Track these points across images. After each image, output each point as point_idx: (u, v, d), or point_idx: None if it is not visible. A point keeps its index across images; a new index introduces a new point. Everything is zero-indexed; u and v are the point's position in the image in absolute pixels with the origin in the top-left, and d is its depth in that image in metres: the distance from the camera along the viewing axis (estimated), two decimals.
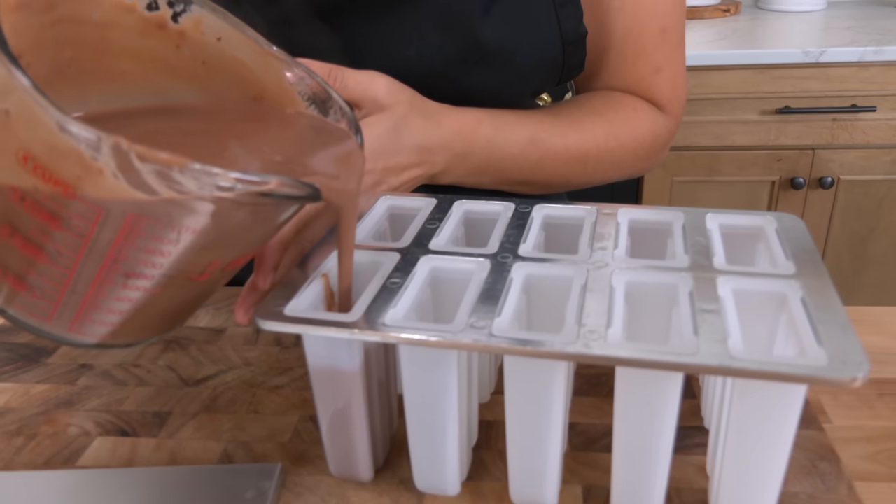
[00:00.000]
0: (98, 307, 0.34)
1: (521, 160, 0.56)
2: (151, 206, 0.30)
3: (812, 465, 0.41)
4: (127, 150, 0.28)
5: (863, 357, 0.29)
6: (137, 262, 0.32)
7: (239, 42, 0.40)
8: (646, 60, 0.61)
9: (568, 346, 0.31)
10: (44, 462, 0.44)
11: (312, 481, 0.41)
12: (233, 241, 0.35)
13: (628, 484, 0.35)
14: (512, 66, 0.56)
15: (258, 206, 0.32)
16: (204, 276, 0.35)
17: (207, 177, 0.29)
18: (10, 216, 0.32)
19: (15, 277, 0.34)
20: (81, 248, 0.32)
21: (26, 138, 0.30)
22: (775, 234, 0.40)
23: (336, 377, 0.37)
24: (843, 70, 1.48)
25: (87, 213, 0.30)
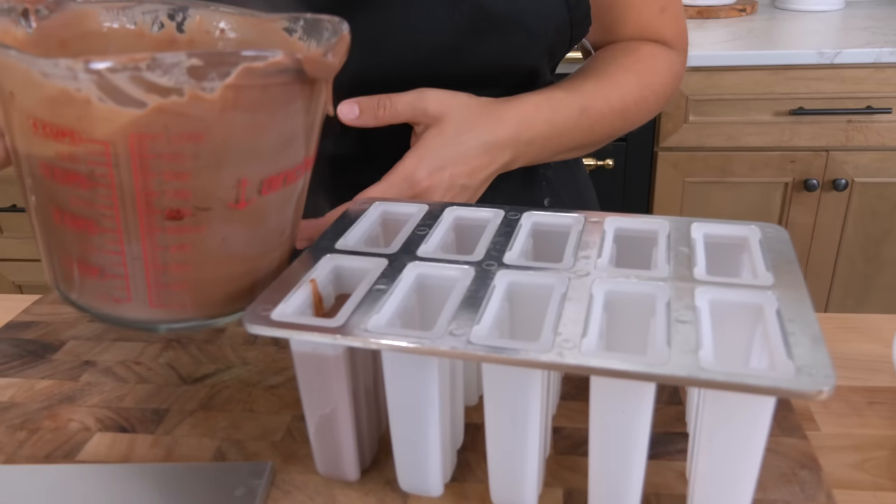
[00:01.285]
0: (162, 267, 0.36)
1: (575, 131, 0.60)
2: (145, 120, 0.32)
3: (793, 472, 0.41)
4: (97, 68, 0.30)
5: (830, 371, 0.30)
6: (165, 194, 0.34)
7: (238, 24, 0.43)
8: (652, 3, 0.66)
9: (542, 354, 0.32)
10: (45, 456, 0.45)
11: (301, 480, 0.42)
12: (244, 146, 0.35)
13: (605, 489, 0.36)
14: (521, 29, 0.57)
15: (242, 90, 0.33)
16: (241, 203, 0.36)
17: (173, 65, 0.31)
18: (52, 197, 0.35)
19: (83, 264, 0.37)
20: (113, 197, 0.34)
21: (29, 105, 0.33)
22: (758, 245, 0.40)
23: (322, 380, 0.38)
24: (858, 71, 1.46)
25: (98, 154, 0.33)
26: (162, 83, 0.31)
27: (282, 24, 0.43)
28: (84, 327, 0.58)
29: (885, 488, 0.43)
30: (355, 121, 0.51)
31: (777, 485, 0.40)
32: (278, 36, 0.43)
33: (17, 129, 0.35)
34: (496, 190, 0.64)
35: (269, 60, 0.33)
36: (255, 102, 0.34)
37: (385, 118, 0.51)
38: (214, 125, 0.33)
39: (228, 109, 0.33)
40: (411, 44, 0.55)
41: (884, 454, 0.46)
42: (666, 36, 0.67)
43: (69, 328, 0.58)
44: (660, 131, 1.55)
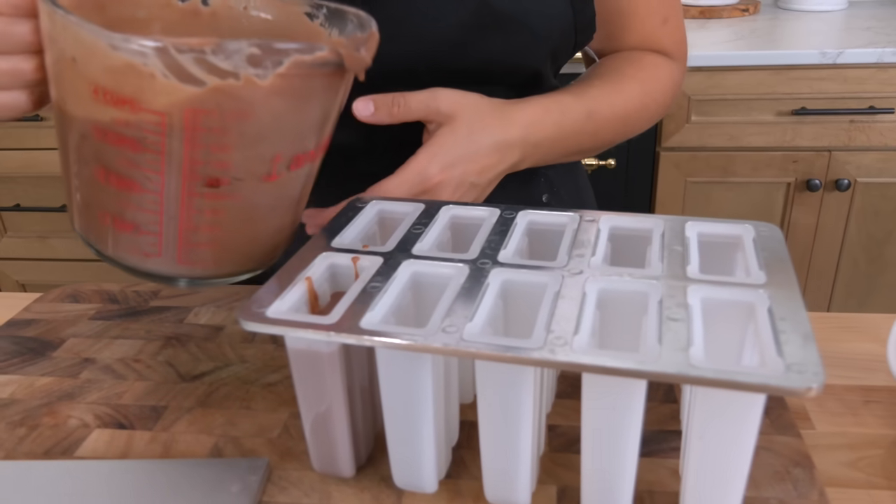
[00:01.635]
0: (194, 228, 0.40)
1: (581, 135, 0.61)
2: (202, 98, 0.35)
3: (786, 470, 0.41)
4: (166, 47, 0.34)
5: (819, 368, 0.30)
6: (209, 164, 0.38)
7: (262, 3, 0.46)
8: (655, 15, 0.68)
9: (534, 351, 0.32)
10: (44, 452, 0.46)
11: (297, 476, 0.43)
12: (283, 127, 0.39)
13: (597, 486, 0.36)
14: (525, 29, 0.58)
15: (289, 80, 0.37)
16: (272, 177, 0.40)
17: (235, 52, 0.35)
18: (101, 157, 0.38)
19: (119, 220, 0.40)
20: (161, 163, 0.37)
21: (92, 72, 0.36)
22: (752, 243, 0.40)
23: (317, 377, 0.38)
24: (860, 71, 1.46)
25: (154, 123, 0.36)
26: (222, 66, 0.35)
27: (304, 9, 0.46)
28: (84, 325, 0.59)
29: (879, 487, 0.43)
30: (370, 117, 0.52)
31: (770, 483, 0.41)
32: (300, 20, 0.46)
33: (73, 91, 0.38)
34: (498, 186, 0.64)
35: (317, 55, 0.37)
36: (298, 89, 0.38)
37: (399, 115, 0.52)
38: (261, 107, 0.37)
39: (275, 94, 0.37)
40: (416, 36, 0.56)
41: (878, 453, 0.46)
42: (667, 46, 0.69)
43: (69, 326, 0.59)
44: (662, 131, 1.55)
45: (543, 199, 0.70)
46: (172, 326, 0.58)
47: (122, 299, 0.62)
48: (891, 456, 0.46)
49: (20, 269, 1.81)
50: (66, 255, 1.78)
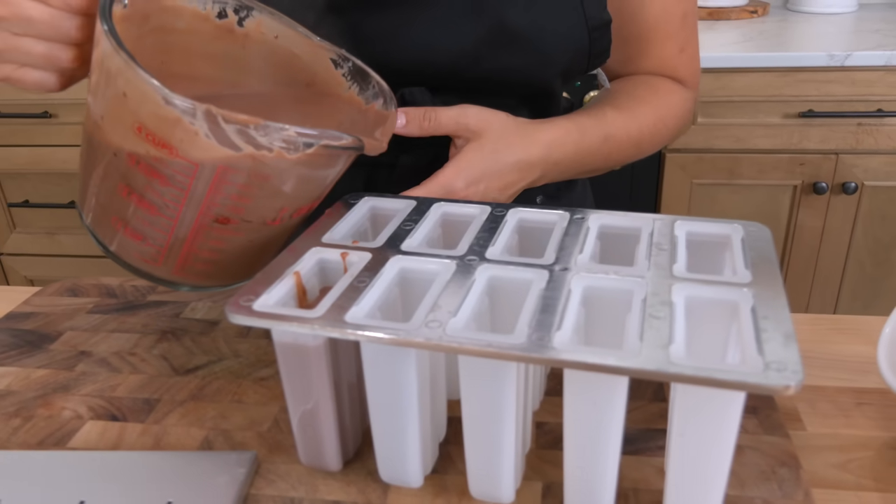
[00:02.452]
0: (196, 250, 0.44)
1: (597, 156, 0.63)
2: (235, 159, 0.39)
3: (772, 470, 0.41)
4: (216, 115, 0.37)
5: (798, 367, 0.30)
6: (225, 207, 0.42)
7: (292, 38, 0.49)
8: (673, 42, 0.68)
9: (514, 347, 0.32)
10: (37, 443, 0.46)
11: (285, 469, 0.43)
12: (297, 190, 0.43)
13: (579, 481, 0.36)
14: (539, 49, 0.59)
15: (314, 157, 0.41)
16: (276, 222, 0.45)
17: (276, 132, 0.38)
18: (127, 178, 0.42)
19: (131, 229, 0.44)
20: (183, 199, 0.41)
21: (140, 113, 0.39)
22: (740, 243, 0.40)
23: (303, 371, 0.38)
24: (868, 74, 1.45)
25: (186, 168, 0.40)
26: (260, 141, 0.38)
27: (331, 55, 0.50)
28: (81, 319, 0.59)
29: (868, 489, 0.43)
30: (401, 129, 0.53)
31: (756, 482, 0.41)
32: (325, 64, 0.50)
33: (116, 119, 0.41)
34: None
35: (343, 142, 0.41)
36: (318, 163, 0.42)
37: (429, 129, 0.54)
38: (284, 174, 0.41)
39: (299, 166, 0.41)
40: (433, 47, 0.57)
41: (868, 455, 0.46)
42: (682, 75, 0.70)
43: (67, 319, 0.59)
44: None
45: (538, 199, 0.71)
46: (168, 321, 0.58)
47: (120, 294, 0.63)
48: (881, 458, 0.46)
49: (28, 264, 1.82)
50: (74, 251, 1.79)
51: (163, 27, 0.47)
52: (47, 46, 0.45)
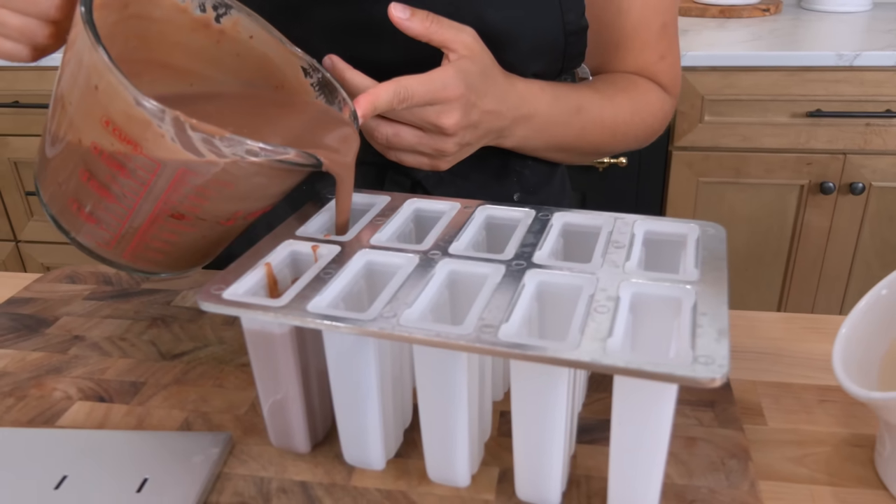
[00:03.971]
0: (148, 240, 0.45)
1: (568, 127, 0.63)
2: (197, 164, 0.40)
3: (721, 462, 0.43)
4: (184, 122, 0.38)
5: (725, 362, 0.31)
6: (181, 205, 0.43)
7: (267, 41, 0.51)
8: (651, 51, 0.69)
9: (462, 338, 0.34)
10: (28, 420, 0.49)
11: (258, 451, 0.45)
12: (253, 196, 0.44)
13: (527, 467, 0.38)
14: (515, 48, 0.60)
15: (275, 169, 0.42)
16: (230, 222, 0.46)
17: (240, 145, 0.39)
18: (88, 164, 0.43)
19: (87, 213, 0.45)
20: (141, 192, 0.42)
21: (109, 108, 0.40)
22: (694, 242, 0.42)
23: (271, 358, 0.40)
24: (878, 74, 1.45)
25: (148, 166, 0.41)
26: (224, 151, 0.40)
27: (302, 63, 0.51)
28: (77, 305, 0.62)
29: (820, 482, 0.45)
30: (405, 21, 0.53)
31: (704, 472, 0.42)
32: (295, 71, 0.51)
33: (85, 109, 0.42)
34: (467, 179, 0.66)
35: (303, 160, 0.42)
36: (276, 174, 0.43)
37: (429, 30, 0.53)
38: (243, 182, 0.42)
39: (258, 176, 0.42)
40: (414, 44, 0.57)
41: (824, 450, 0.47)
42: (662, 81, 0.70)
43: (64, 305, 0.62)
44: (675, 130, 1.55)
45: (515, 197, 0.71)
46: (159, 308, 0.61)
47: (115, 281, 0.65)
48: (836, 453, 0.47)
49: (44, 251, 1.87)
50: None
51: (140, 14, 0.48)
52: (23, 20, 0.45)
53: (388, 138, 0.54)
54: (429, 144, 0.54)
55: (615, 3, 0.66)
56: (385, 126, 0.54)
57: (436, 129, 0.53)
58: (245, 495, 0.42)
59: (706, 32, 1.65)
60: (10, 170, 1.77)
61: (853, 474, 0.45)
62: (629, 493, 0.37)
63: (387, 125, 0.54)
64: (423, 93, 0.51)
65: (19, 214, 1.83)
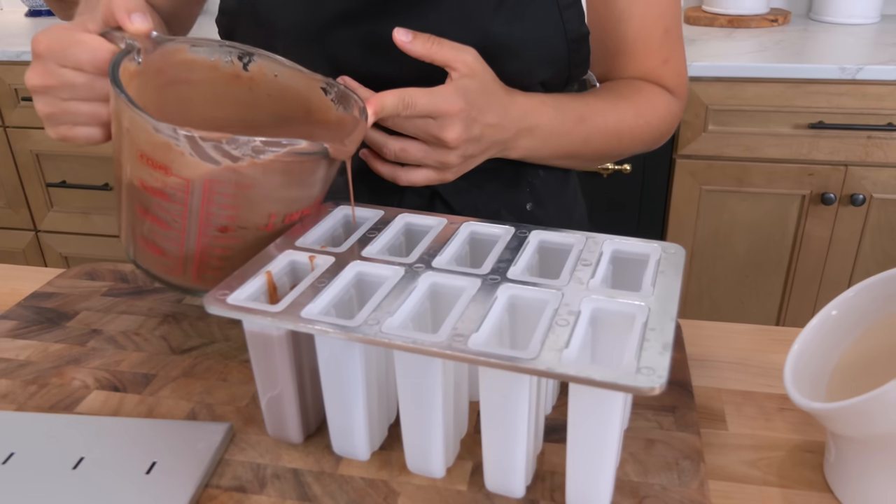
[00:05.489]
0: (206, 259, 0.51)
1: (573, 135, 0.66)
2: (217, 172, 0.46)
3: (676, 462, 0.47)
4: (193, 135, 0.44)
5: (664, 372, 0.35)
6: (220, 217, 0.48)
7: (289, 75, 0.57)
8: (655, 55, 0.71)
9: (436, 345, 0.38)
10: (49, 407, 0.54)
11: (256, 440, 0.50)
12: (277, 196, 0.49)
13: (494, 462, 0.42)
14: (521, 59, 0.64)
15: (285, 163, 0.46)
16: (269, 227, 0.51)
17: (244, 143, 0.45)
18: (141, 199, 0.50)
19: (153, 245, 0.51)
20: (184, 213, 0.48)
21: (139, 142, 0.46)
22: (654, 262, 0.46)
23: (268, 357, 0.45)
24: (879, 88, 1.47)
25: (180, 186, 0.47)
26: (233, 153, 0.45)
27: (320, 84, 0.56)
28: (96, 300, 0.67)
29: (772, 484, 0.49)
30: (407, 44, 0.57)
31: (659, 471, 0.46)
32: (316, 92, 0.56)
33: (126, 151, 0.48)
34: (482, 189, 0.70)
35: (306, 146, 0.46)
36: (290, 169, 0.48)
37: (431, 51, 0.57)
38: (261, 181, 0.47)
39: (273, 172, 0.47)
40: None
41: (778, 455, 0.51)
42: (667, 85, 0.72)
43: (83, 300, 0.67)
44: (679, 139, 1.58)
45: (528, 207, 0.74)
46: (171, 306, 0.66)
47: (131, 279, 0.70)
48: (789, 458, 0.51)
49: (64, 242, 1.93)
50: (106, 230, 1.89)
51: (177, 79, 0.55)
52: (90, 106, 0.53)
53: (396, 153, 0.58)
54: (433, 157, 0.58)
55: (616, 12, 0.68)
56: (393, 142, 0.58)
57: (439, 142, 0.57)
58: (243, 479, 0.46)
59: (713, 42, 1.67)
60: (31, 161, 1.83)
61: (803, 478, 0.49)
62: (584, 486, 0.41)
63: (395, 141, 0.58)
64: (424, 103, 0.55)
65: (40, 205, 1.89)
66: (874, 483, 0.44)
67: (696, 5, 1.94)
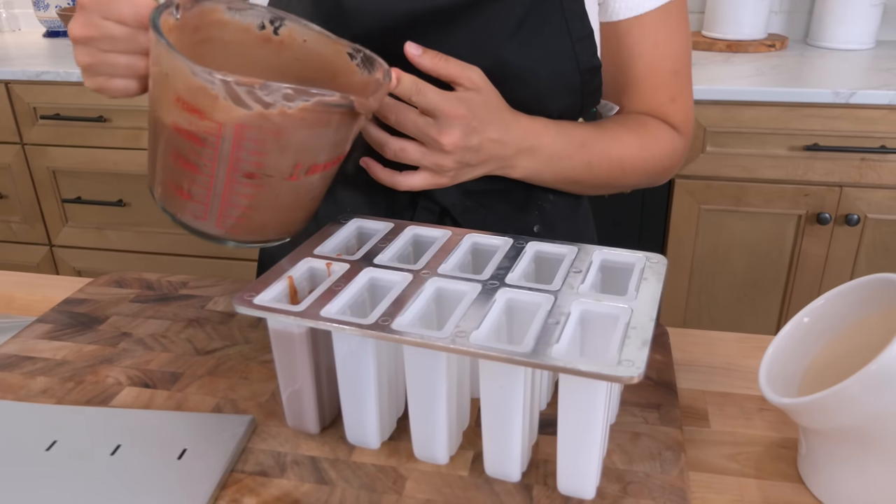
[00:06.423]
0: (231, 203, 0.53)
1: (574, 160, 0.69)
2: (248, 118, 0.48)
3: (658, 452, 0.51)
4: (229, 79, 0.46)
5: (642, 365, 0.40)
6: (248, 163, 0.50)
7: (317, 40, 0.59)
8: (663, 93, 0.74)
9: (439, 340, 0.43)
10: (86, 401, 0.58)
11: (276, 431, 0.54)
12: (307, 144, 0.51)
13: (493, 449, 0.47)
14: (533, 87, 0.68)
15: (312, 111, 0.49)
16: (294, 177, 0.52)
17: (276, 90, 0.47)
18: (175, 144, 0.51)
19: (182, 190, 0.53)
20: (214, 156, 0.50)
21: (177, 86, 0.48)
22: (639, 270, 0.51)
23: (290, 354, 0.50)
24: (872, 112, 1.51)
25: (213, 129, 0.48)
26: (266, 99, 0.47)
27: (346, 49, 0.58)
28: (125, 306, 0.72)
29: (749, 476, 0.53)
30: (417, 57, 0.60)
31: (643, 460, 0.51)
32: (343, 58, 0.59)
33: (163, 97, 0.50)
34: (491, 210, 0.74)
35: (334, 98, 0.49)
36: (318, 120, 0.50)
37: (439, 66, 0.61)
38: (289, 130, 0.49)
39: (301, 122, 0.49)
40: None
41: (756, 450, 0.55)
42: (674, 121, 0.74)
43: (113, 306, 0.72)
44: None
45: (535, 229, 0.77)
46: (195, 311, 0.71)
47: (157, 287, 0.75)
48: (766, 453, 0.55)
49: (78, 256, 1.98)
50: (120, 245, 1.94)
51: (212, 38, 0.57)
52: (128, 58, 0.54)
53: (395, 152, 0.62)
54: (430, 159, 0.62)
55: (627, 49, 0.72)
56: (394, 142, 0.62)
57: (436, 144, 0.61)
58: (265, 465, 0.51)
59: (711, 67, 1.73)
60: (48, 178, 1.89)
61: (778, 470, 0.53)
62: (573, 470, 0.45)
63: (395, 140, 0.62)
64: (431, 97, 0.59)
65: (55, 220, 1.95)
66: (839, 472, 0.48)
67: (696, 30, 2.00)
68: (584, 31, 0.68)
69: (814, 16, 1.93)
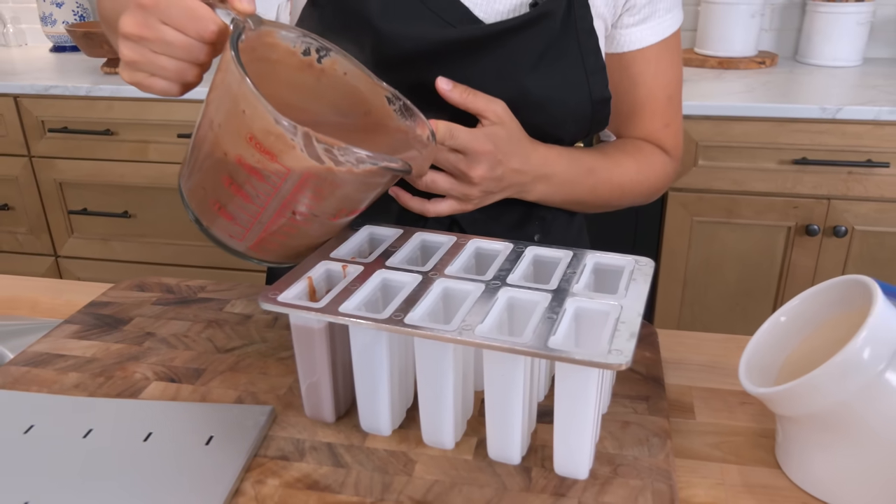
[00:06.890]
0: (272, 234, 0.57)
1: (582, 185, 0.76)
2: (317, 169, 0.51)
3: (646, 439, 0.56)
4: (311, 136, 0.50)
5: (629, 354, 0.45)
6: (301, 204, 0.54)
7: (358, 76, 0.63)
8: (658, 119, 0.82)
9: (448, 333, 0.48)
10: (116, 394, 0.63)
11: (294, 420, 0.59)
12: (356, 196, 0.56)
13: (496, 435, 0.51)
14: (549, 113, 0.74)
15: (373, 173, 0.53)
16: (336, 218, 0.57)
17: (352, 153, 0.51)
18: (230, 171, 0.54)
19: (226, 211, 0.56)
20: (272, 194, 0.53)
21: (253, 127, 0.51)
22: (629, 272, 0.55)
23: (310, 347, 0.54)
24: (858, 127, 1.56)
25: (280, 172, 0.52)
26: (339, 158, 0.51)
27: (385, 93, 0.62)
28: (147, 308, 0.77)
29: (730, 462, 0.57)
30: (447, 91, 0.66)
31: (632, 445, 0.55)
32: (380, 99, 0.62)
33: (233, 128, 0.52)
34: (497, 221, 0.79)
35: (398, 165, 0.53)
36: (375, 179, 0.54)
37: (466, 100, 0.66)
38: (350, 185, 0.53)
39: (362, 180, 0.53)
40: None
41: (738, 439, 0.60)
42: (666, 146, 0.83)
43: (136, 308, 0.76)
44: None
45: (535, 238, 0.83)
46: (213, 313, 0.75)
47: (176, 291, 0.80)
48: (747, 442, 0.60)
49: (83, 267, 2.01)
50: (125, 256, 1.97)
51: (263, 57, 0.58)
52: (178, 65, 0.55)
53: (427, 184, 0.68)
54: (458, 190, 0.68)
55: (629, 78, 0.80)
56: (427, 174, 0.67)
57: (465, 177, 0.67)
58: (285, 451, 0.55)
59: (703, 83, 1.78)
60: (55, 189, 1.92)
61: (757, 457, 0.58)
62: (568, 453, 0.50)
63: (428, 173, 0.67)
64: (463, 138, 0.65)
65: (61, 231, 1.98)
66: (810, 455, 0.53)
67: (688, 47, 2.05)
68: (598, 64, 0.74)
69: (803, 34, 1.99)
